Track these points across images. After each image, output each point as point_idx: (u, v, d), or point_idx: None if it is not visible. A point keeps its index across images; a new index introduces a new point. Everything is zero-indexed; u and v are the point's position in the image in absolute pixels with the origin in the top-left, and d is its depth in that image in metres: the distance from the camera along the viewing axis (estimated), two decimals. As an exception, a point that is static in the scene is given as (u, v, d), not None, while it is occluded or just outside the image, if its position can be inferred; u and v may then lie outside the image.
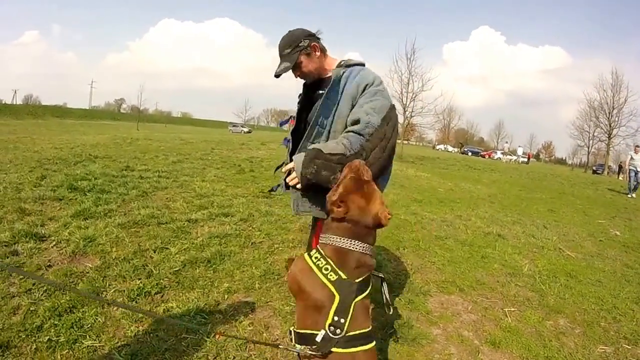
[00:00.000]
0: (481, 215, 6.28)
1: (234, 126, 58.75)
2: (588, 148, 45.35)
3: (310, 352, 1.17)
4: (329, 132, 1.78)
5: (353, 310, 1.18)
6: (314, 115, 1.82)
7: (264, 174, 7.80)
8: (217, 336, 2.13)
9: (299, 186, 1.61)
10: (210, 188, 5.66)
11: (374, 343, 1.24)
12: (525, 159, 48.95)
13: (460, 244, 4.44)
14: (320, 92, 1.87)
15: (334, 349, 1.14)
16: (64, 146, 9.69)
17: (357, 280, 1.22)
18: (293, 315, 2.39)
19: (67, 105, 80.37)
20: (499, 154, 50.27)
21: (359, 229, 1.25)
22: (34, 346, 1.97)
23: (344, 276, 1.21)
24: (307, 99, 2.00)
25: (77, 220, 3.72)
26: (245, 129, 54.75)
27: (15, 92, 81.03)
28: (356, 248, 1.24)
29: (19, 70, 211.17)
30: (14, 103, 69.23)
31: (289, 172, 1.69)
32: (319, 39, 1.89)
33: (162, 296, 2.56)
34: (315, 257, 1.26)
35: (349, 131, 1.64)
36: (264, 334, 2.29)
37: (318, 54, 1.87)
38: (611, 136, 39.91)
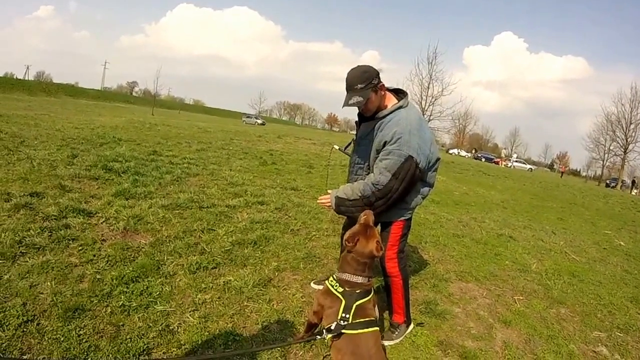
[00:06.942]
0: (494, 219, 6.57)
1: (247, 117, 56.72)
2: (603, 161, 44.78)
3: (329, 334, 1.71)
4: (368, 166, 2.25)
5: (355, 309, 1.74)
6: (353, 156, 2.38)
7: (286, 167, 8.05)
8: None
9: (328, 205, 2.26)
10: (240, 178, 5.92)
11: (376, 328, 1.76)
12: (532, 169, 47.41)
13: (475, 242, 4.77)
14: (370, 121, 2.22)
15: (344, 331, 1.68)
16: (84, 126, 9.84)
17: (357, 291, 1.79)
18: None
19: (78, 85, 79.70)
20: (513, 162, 47.10)
21: (359, 264, 1.84)
22: (109, 309, 2.19)
23: (346, 289, 1.82)
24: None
25: (119, 199, 3.92)
26: (259, 121, 52.96)
27: (28, 67, 79.85)
28: (354, 279, 1.84)
29: (31, 44, 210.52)
30: (26, 79, 69.11)
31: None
32: None
33: (218, 271, 2.86)
34: (331, 282, 1.88)
35: (369, 179, 2.09)
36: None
37: (383, 93, 2.11)
38: (627, 151, 39.52)
